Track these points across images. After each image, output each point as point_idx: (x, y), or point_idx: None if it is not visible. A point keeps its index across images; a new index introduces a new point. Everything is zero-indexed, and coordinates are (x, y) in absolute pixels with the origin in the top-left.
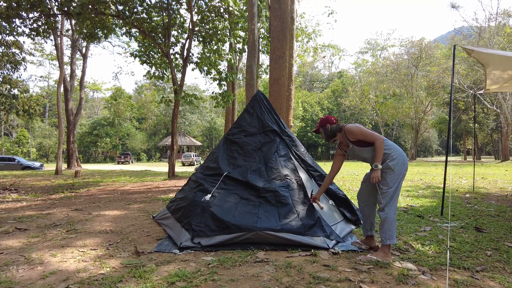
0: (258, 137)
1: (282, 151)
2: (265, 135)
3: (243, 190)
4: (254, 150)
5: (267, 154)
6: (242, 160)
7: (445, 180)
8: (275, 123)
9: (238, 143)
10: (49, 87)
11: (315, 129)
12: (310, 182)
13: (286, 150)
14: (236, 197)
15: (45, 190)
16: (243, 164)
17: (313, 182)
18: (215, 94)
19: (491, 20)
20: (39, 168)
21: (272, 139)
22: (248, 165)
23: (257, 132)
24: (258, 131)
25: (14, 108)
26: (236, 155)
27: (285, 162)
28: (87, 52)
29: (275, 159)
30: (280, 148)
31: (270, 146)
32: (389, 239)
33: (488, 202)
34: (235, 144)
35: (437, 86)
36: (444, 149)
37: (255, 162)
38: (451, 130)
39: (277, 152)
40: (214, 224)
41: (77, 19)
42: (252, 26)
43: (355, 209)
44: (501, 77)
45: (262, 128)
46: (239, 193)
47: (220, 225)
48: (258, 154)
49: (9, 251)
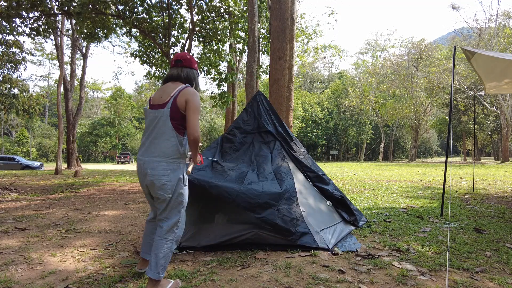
0: (252, 136)
1: (275, 151)
2: (259, 135)
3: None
4: (246, 147)
5: (258, 154)
6: (234, 155)
7: (445, 181)
8: (271, 125)
9: (233, 140)
10: (49, 86)
11: None
12: (307, 183)
13: (279, 151)
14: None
15: (44, 190)
16: (234, 158)
17: (309, 183)
18: (213, 94)
19: (491, 21)
20: (39, 167)
21: (265, 140)
22: (238, 160)
23: (252, 131)
24: (253, 130)
25: (14, 107)
26: (228, 150)
27: (275, 162)
28: (87, 51)
29: (266, 159)
30: (273, 149)
31: (262, 145)
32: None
33: (488, 203)
34: (230, 141)
35: (437, 87)
36: (444, 150)
37: (245, 161)
38: (451, 131)
39: (270, 152)
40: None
41: (77, 19)
42: (252, 26)
43: (352, 208)
44: (498, 85)
45: (258, 128)
46: (226, 177)
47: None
48: (249, 152)
49: (9, 251)
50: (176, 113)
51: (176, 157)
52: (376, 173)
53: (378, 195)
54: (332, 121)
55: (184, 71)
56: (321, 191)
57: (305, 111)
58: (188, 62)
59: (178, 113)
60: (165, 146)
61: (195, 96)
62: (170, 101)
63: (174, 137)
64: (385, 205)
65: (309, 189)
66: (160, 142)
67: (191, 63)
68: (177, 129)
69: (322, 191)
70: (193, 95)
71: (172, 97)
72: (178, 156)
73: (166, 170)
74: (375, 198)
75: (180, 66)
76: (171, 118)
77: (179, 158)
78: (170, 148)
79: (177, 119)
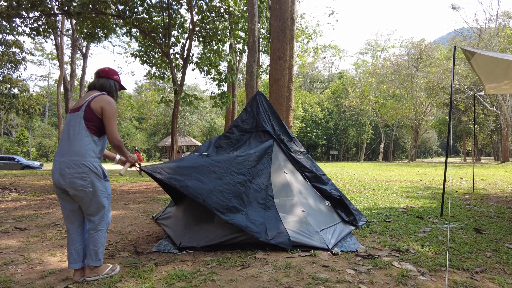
0: (249, 135)
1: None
2: (256, 134)
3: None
4: (242, 144)
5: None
6: (228, 149)
7: (445, 181)
8: (269, 125)
9: (230, 137)
10: (49, 86)
11: None
12: (305, 183)
13: (276, 151)
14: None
15: (44, 190)
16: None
17: (307, 183)
18: (213, 94)
19: (491, 22)
20: (39, 167)
21: (263, 140)
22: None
23: (250, 130)
24: (251, 129)
25: (14, 107)
26: (223, 145)
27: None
28: (88, 51)
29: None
30: (269, 148)
31: (259, 144)
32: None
33: (488, 203)
34: (227, 138)
35: (437, 87)
36: (444, 150)
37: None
38: (451, 131)
39: (265, 152)
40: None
41: (77, 19)
42: (252, 26)
43: (351, 208)
44: (498, 86)
45: (256, 128)
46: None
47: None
48: (245, 149)
49: (8, 251)
50: (90, 115)
51: (92, 156)
52: (376, 173)
53: (378, 195)
54: (332, 121)
55: (100, 81)
56: (320, 191)
57: (305, 111)
58: (105, 74)
59: (93, 116)
60: (80, 146)
61: (110, 103)
62: (84, 105)
63: (88, 137)
64: (385, 205)
65: (309, 189)
66: (75, 142)
67: (107, 74)
68: (90, 129)
69: (321, 191)
70: (108, 103)
71: (87, 101)
72: (93, 155)
73: (84, 168)
74: (375, 198)
75: (97, 78)
76: (85, 119)
77: (94, 157)
78: (85, 147)
79: (92, 120)
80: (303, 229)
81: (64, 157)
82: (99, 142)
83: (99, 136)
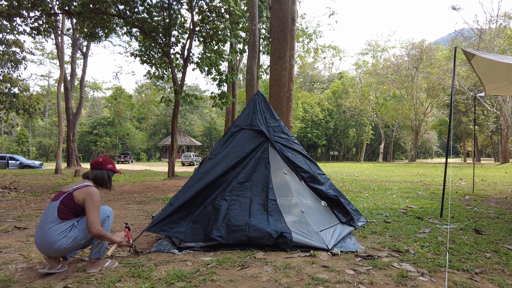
0: (246, 133)
1: (264, 152)
2: (250, 131)
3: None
4: (237, 144)
5: (243, 149)
6: (226, 150)
7: (445, 181)
8: (264, 125)
9: (225, 134)
10: (50, 86)
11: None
12: (299, 184)
13: (268, 152)
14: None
15: (44, 189)
16: (226, 152)
17: (302, 183)
18: (213, 94)
19: (491, 22)
20: (39, 167)
21: (255, 139)
22: (228, 157)
23: (245, 127)
24: (246, 126)
25: (14, 106)
26: (219, 142)
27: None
28: (88, 51)
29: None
30: (262, 148)
31: (252, 145)
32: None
33: (488, 204)
34: (227, 136)
35: (438, 88)
36: (444, 150)
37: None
38: (451, 132)
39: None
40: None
41: (78, 18)
42: (252, 26)
43: (349, 208)
44: (498, 87)
45: (250, 126)
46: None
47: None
48: (239, 148)
49: (8, 250)
50: (69, 202)
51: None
52: (376, 173)
53: (378, 196)
54: (332, 121)
55: (93, 173)
56: (316, 192)
57: (305, 112)
58: (98, 165)
59: (73, 204)
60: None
61: (93, 195)
62: (67, 192)
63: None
64: (385, 206)
65: (305, 190)
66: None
67: (100, 166)
68: (64, 213)
69: (317, 192)
70: (90, 195)
71: (72, 190)
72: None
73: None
74: (375, 199)
75: (92, 169)
76: (62, 203)
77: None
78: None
79: (70, 207)
80: (303, 230)
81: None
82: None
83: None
